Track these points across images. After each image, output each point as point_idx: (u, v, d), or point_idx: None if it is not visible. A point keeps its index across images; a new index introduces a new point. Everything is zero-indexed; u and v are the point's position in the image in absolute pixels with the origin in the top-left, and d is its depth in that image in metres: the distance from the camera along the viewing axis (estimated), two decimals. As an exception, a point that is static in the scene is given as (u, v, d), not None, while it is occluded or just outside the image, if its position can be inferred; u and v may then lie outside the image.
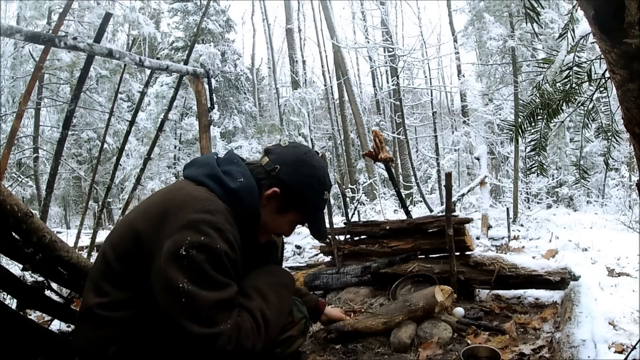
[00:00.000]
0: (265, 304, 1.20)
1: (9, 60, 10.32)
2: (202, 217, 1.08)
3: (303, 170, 1.30)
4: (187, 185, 1.21)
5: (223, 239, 1.08)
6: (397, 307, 2.09)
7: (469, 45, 12.63)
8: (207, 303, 1.03)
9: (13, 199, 1.59)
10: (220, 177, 1.21)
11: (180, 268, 1.04)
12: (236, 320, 1.08)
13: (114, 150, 11.56)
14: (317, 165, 1.34)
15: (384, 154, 3.46)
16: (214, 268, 1.06)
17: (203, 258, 1.05)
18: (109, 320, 1.11)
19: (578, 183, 2.51)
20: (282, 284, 1.34)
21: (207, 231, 1.06)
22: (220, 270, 1.08)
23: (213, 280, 1.06)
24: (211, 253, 1.06)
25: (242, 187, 1.20)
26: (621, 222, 5.57)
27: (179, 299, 1.02)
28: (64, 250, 1.76)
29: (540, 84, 1.98)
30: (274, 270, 1.39)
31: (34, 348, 1.57)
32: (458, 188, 10.13)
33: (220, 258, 1.07)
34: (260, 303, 1.19)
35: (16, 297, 1.73)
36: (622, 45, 0.89)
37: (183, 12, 14.92)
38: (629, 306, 2.13)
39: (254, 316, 1.14)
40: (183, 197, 1.14)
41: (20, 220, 1.60)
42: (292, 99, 10.52)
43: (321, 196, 1.35)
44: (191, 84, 4.44)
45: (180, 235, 1.06)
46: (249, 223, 1.24)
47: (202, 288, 1.03)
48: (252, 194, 1.22)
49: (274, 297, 1.24)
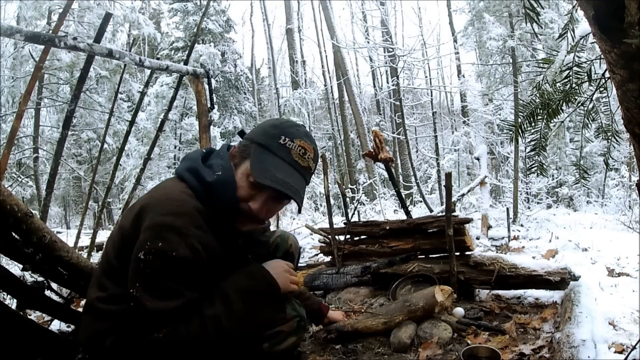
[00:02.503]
0: (226, 312, 1.14)
1: (9, 60, 10.33)
2: (165, 221, 1.09)
3: (264, 124, 1.30)
4: (170, 183, 1.23)
5: (185, 244, 1.08)
6: (397, 307, 2.09)
7: (468, 46, 12.65)
8: (151, 311, 1.06)
9: (13, 199, 1.59)
10: (198, 171, 1.21)
11: (137, 271, 1.09)
12: (175, 330, 1.08)
13: (114, 150, 11.56)
14: (283, 119, 1.33)
15: (384, 154, 3.46)
16: (167, 275, 1.08)
17: (157, 265, 1.07)
18: (107, 313, 1.16)
19: (578, 183, 2.51)
20: (255, 290, 1.22)
21: (167, 236, 1.07)
22: (175, 277, 1.08)
23: (163, 289, 1.08)
24: (167, 260, 1.07)
25: (218, 180, 1.19)
26: (621, 222, 5.57)
27: (130, 301, 1.09)
28: (64, 250, 1.76)
29: (540, 84, 1.98)
30: (254, 273, 1.26)
31: (34, 348, 1.57)
32: (458, 188, 10.14)
33: (177, 265, 1.08)
34: (219, 311, 1.13)
35: (16, 297, 1.73)
36: (622, 45, 0.89)
37: (183, 12, 14.93)
38: (629, 306, 2.13)
39: (203, 324, 1.11)
40: (159, 196, 1.17)
41: (20, 220, 1.60)
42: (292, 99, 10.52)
43: (274, 139, 1.20)
44: (191, 84, 4.43)
45: (143, 237, 1.09)
46: (227, 216, 1.21)
47: (150, 295, 1.07)
48: (227, 186, 1.19)
49: (241, 305, 1.17)
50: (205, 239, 1.14)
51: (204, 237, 1.13)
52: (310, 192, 10.49)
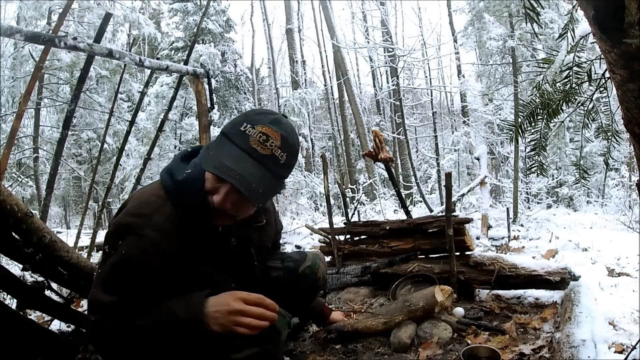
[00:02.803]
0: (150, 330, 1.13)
1: (9, 60, 10.32)
2: (126, 221, 1.14)
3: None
4: (152, 184, 1.27)
5: (136, 246, 1.12)
6: (397, 307, 2.09)
7: (468, 46, 12.65)
8: (96, 298, 1.15)
9: (13, 199, 1.60)
10: (172, 170, 1.22)
11: (99, 261, 1.22)
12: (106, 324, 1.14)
13: (114, 150, 11.55)
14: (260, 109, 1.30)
15: (384, 154, 3.46)
16: (113, 271, 1.14)
17: (109, 260, 1.14)
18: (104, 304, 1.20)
19: (578, 183, 2.50)
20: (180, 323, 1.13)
21: (123, 235, 1.13)
22: (120, 275, 1.14)
23: (107, 282, 1.15)
24: (117, 257, 1.13)
25: (187, 177, 1.17)
26: (621, 222, 5.57)
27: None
28: (64, 250, 1.76)
29: (540, 84, 1.98)
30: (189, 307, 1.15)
31: (34, 348, 1.57)
32: (458, 188, 10.14)
33: (124, 264, 1.13)
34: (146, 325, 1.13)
35: (16, 297, 1.73)
36: (622, 45, 0.89)
37: (183, 12, 14.91)
38: (629, 306, 2.13)
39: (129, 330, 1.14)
40: (135, 196, 1.24)
41: (20, 220, 1.60)
42: (292, 99, 10.50)
43: (235, 126, 1.12)
44: (191, 84, 4.43)
45: (108, 231, 1.19)
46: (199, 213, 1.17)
47: (97, 283, 1.16)
48: (194, 182, 1.16)
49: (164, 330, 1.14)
50: (163, 243, 1.13)
51: (160, 241, 1.13)
52: (310, 192, 10.48)
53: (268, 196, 1.16)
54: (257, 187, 1.07)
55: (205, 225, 1.20)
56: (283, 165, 1.13)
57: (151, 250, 1.12)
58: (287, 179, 1.21)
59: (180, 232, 1.16)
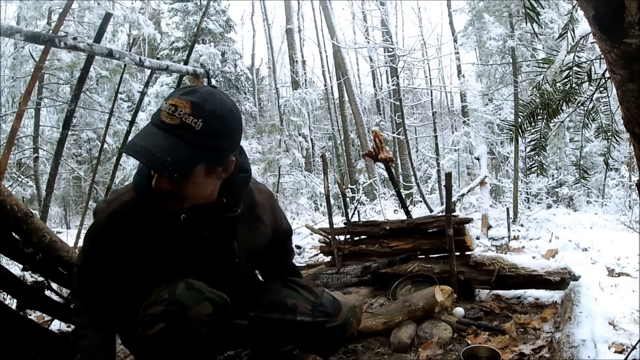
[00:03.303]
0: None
1: (9, 60, 10.31)
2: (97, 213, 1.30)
3: None
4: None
5: (90, 231, 1.30)
6: (397, 307, 2.09)
7: (468, 45, 12.63)
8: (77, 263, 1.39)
9: (13, 199, 1.60)
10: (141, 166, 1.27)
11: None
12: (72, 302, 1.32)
13: (114, 150, 11.54)
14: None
15: (384, 154, 3.46)
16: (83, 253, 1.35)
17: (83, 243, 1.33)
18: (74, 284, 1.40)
19: (578, 183, 2.51)
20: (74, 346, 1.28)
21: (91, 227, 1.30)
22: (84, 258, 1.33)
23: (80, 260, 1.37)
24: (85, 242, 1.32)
25: (141, 167, 1.23)
26: (621, 222, 5.57)
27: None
28: (64, 250, 1.76)
29: (540, 84, 1.98)
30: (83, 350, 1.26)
31: (34, 348, 1.57)
32: (458, 188, 10.13)
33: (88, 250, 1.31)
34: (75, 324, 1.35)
35: (16, 297, 1.73)
36: (622, 45, 0.89)
37: (183, 12, 14.91)
38: (629, 306, 2.13)
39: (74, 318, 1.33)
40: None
41: (20, 220, 1.61)
42: (292, 99, 10.49)
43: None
44: (191, 84, 4.43)
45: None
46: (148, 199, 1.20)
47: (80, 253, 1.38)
48: (143, 171, 1.23)
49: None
50: (113, 228, 1.24)
51: (110, 226, 1.24)
52: (310, 192, 10.48)
53: (184, 166, 1.09)
54: (162, 156, 1.04)
55: (164, 213, 1.20)
56: (200, 132, 1.07)
57: (101, 235, 1.26)
58: (223, 146, 1.14)
59: (136, 219, 1.22)
